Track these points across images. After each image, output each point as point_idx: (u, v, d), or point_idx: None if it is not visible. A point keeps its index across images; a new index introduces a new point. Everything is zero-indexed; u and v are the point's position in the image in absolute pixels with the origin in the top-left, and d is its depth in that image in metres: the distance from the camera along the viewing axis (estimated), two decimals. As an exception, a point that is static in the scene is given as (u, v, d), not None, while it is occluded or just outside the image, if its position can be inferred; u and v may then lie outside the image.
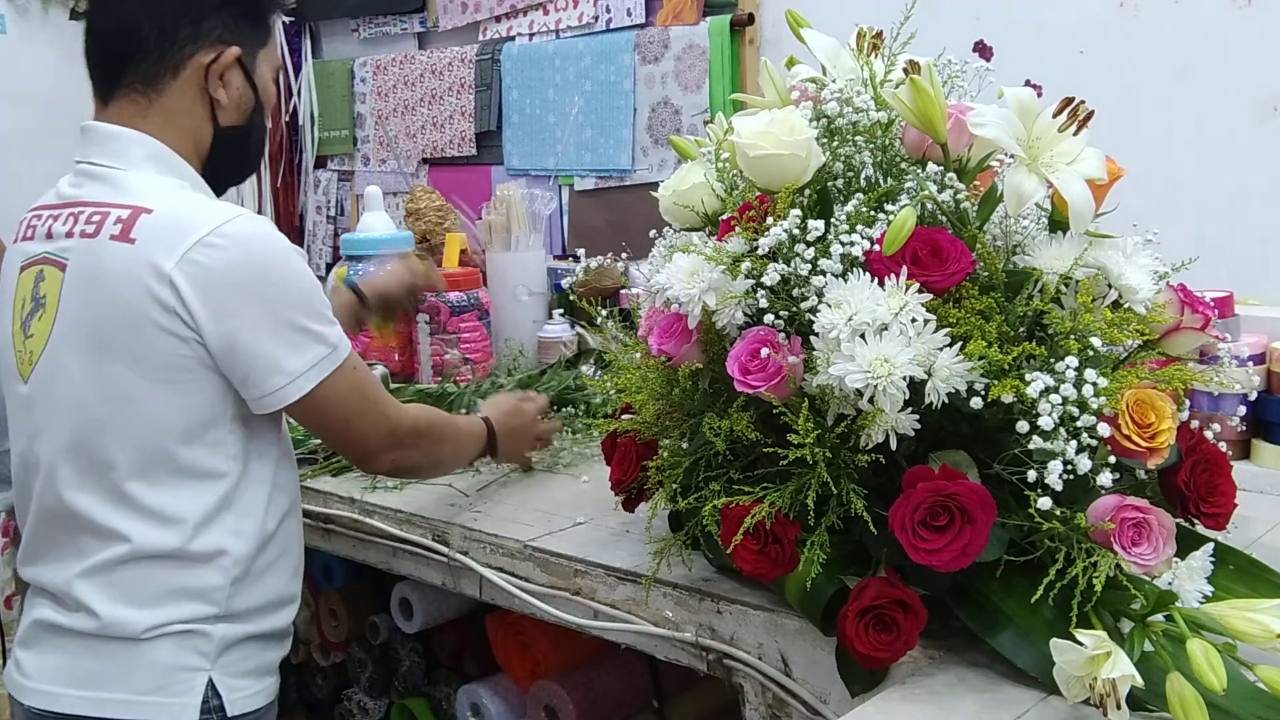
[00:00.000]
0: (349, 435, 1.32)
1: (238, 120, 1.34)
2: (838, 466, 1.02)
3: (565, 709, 1.65)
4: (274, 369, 1.23)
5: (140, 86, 1.28)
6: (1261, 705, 0.90)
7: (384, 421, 1.33)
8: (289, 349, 1.23)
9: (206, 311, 1.20)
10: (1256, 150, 1.89)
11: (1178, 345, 1.10)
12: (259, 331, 1.21)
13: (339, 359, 1.27)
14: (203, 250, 1.20)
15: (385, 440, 1.33)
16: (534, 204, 2.18)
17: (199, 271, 1.19)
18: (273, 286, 1.22)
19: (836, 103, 1.14)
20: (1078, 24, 2.04)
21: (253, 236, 1.23)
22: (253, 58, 1.34)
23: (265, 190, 3.62)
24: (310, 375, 1.24)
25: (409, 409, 1.39)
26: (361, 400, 1.31)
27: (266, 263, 1.22)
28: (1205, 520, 1.06)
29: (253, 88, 1.35)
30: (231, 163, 1.37)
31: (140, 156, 1.27)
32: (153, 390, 1.22)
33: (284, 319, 1.22)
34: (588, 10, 2.74)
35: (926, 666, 1.02)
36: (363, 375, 1.32)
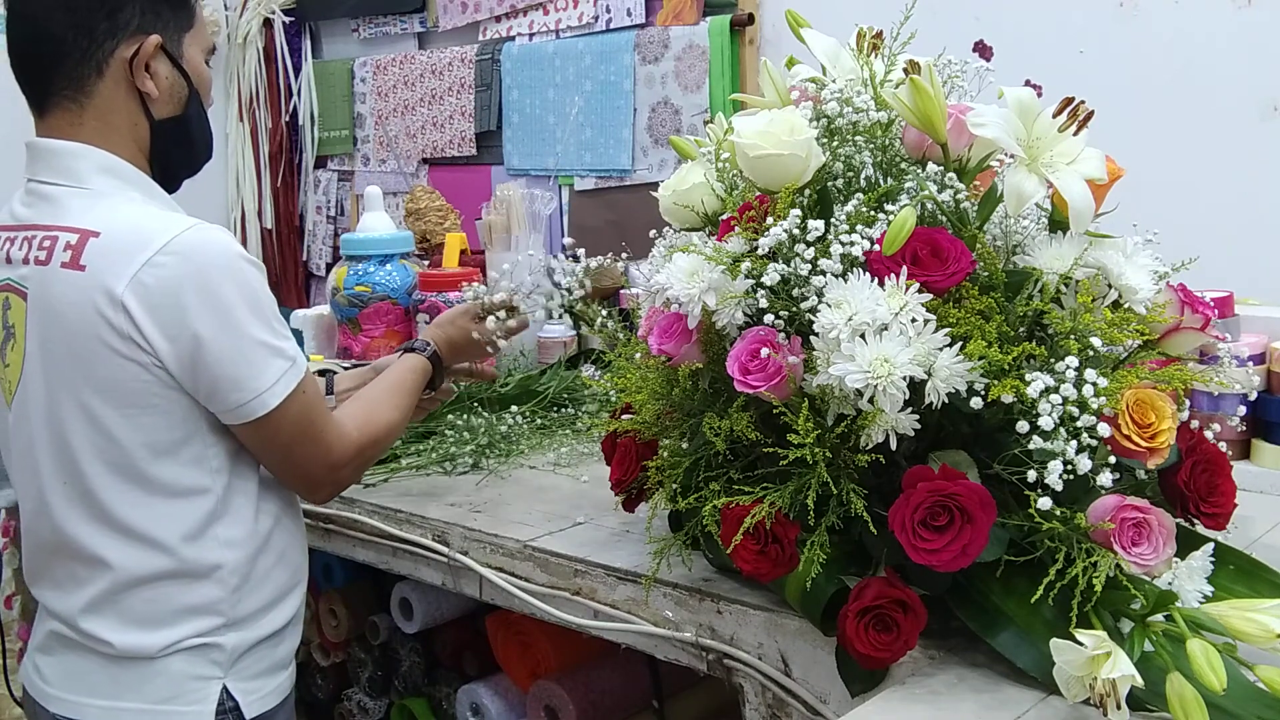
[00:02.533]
0: (291, 462, 1.27)
1: (173, 111, 1.28)
2: (838, 466, 1.02)
3: (565, 709, 1.65)
4: (236, 385, 1.19)
5: (69, 92, 1.23)
6: (1261, 705, 0.90)
7: (327, 453, 1.27)
8: (249, 364, 1.19)
9: (160, 333, 1.16)
10: (1256, 150, 1.90)
11: (1178, 345, 1.10)
12: (216, 347, 1.17)
13: (299, 373, 1.22)
14: (150, 270, 1.16)
15: (326, 473, 1.28)
16: (534, 204, 2.18)
17: (147, 293, 1.16)
18: (221, 300, 1.17)
19: (836, 103, 1.14)
20: (1078, 24, 2.04)
21: (197, 249, 1.17)
22: (178, 43, 1.27)
23: (265, 190, 3.62)
24: (276, 390, 1.20)
25: (347, 425, 1.31)
26: (309, 426, 1.25)
27: (213, 275, 1.17)
28: (1205, 520, 1.06)
29: (183, 74, 1.28)
30: (178, 154, 1.31)
31: (89, 170, 1.23)
32: (122, 417, 1.19)
33: (239, 332, 1.18)
34: (588, 10, 2.74)
35: (926, 666, 1.02)
36: (314, 398, 1.26)
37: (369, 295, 2.05)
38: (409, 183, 3.13)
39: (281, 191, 3.61)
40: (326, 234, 3.56)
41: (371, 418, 1.36)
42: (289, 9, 3.49)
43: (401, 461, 1.74)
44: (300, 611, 1.36)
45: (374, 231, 2.11)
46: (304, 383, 1.23)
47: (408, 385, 1.45)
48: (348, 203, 3.49)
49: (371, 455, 1.35)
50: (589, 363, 2.01)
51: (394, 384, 1.44)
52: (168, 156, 1.29)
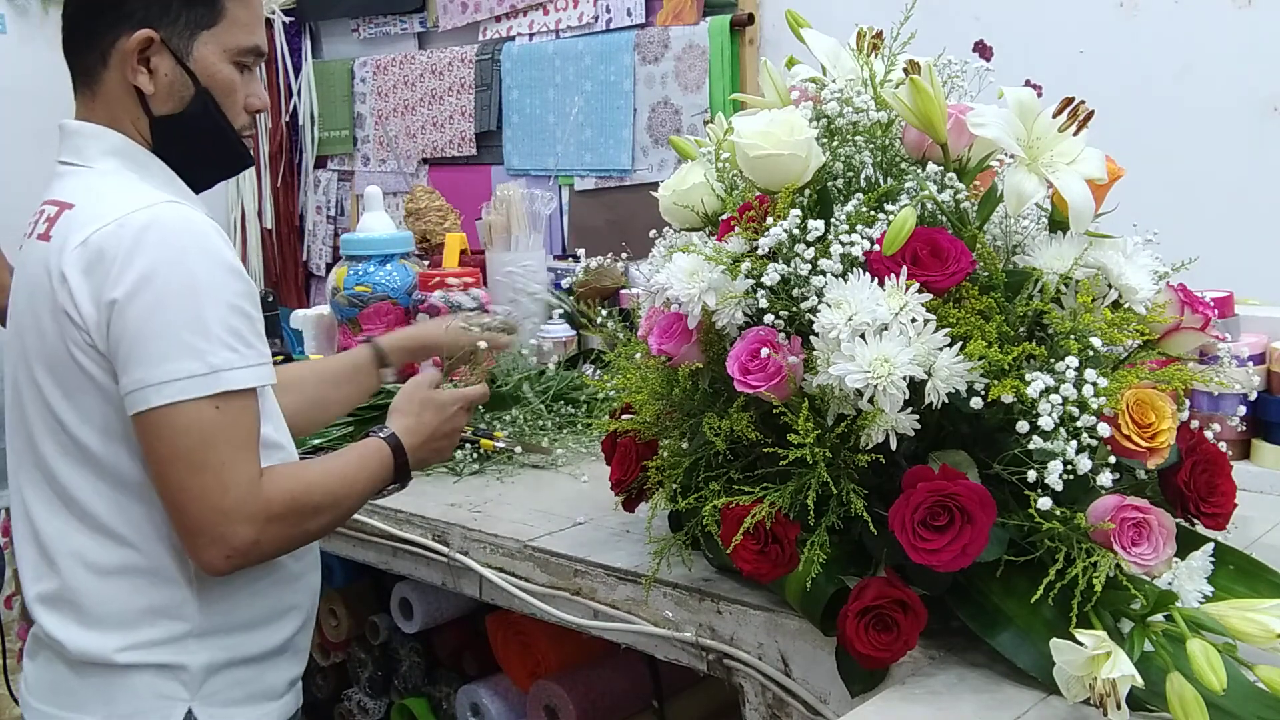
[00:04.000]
0: (170, 489, 1.10)
1: (173, 108, 1.21)
2: (838, 466, 1.02)
3: (565, 709, 1.65)
4: (128, 365, 1.08)
5: (84, 78, 1.21)
6: (1261, 705, 0.90)
7: (219, 493, 1.08)
8: (150, 348, 1.07)
9: (89, 299, 1.09)
10: (1256, 150, 1.90)
11: (1178, 345, 1.10)
12: (125, 318, 1.08)
13: (210, 388, 1.08)
14: (96, 237, 1.10)
15: (212, 519, 1.09)
16: (534, 204, 2.18)
17: (85, 259, 1.10)
18: (155, 276, 1.08)
19: (836, 103, 1.14)
20: (1078, 24, 2.05)
21: (154, 222, 1.10)
22: (187, 39, 1.20)
23: (265, 190, 3.62)
24: (169, 388, 1.07)
25: (270, 475, 1.13)
26: (204, 449, 1.08)
27: (157, 250, 1.09)
28: (1205, 520, 1.06)
29: (189, 73, 1.20)
30: (180, 152, 1.23)
31: (97, 152, 1.20)
32: (64, 397, 1.13)
33: (157, 314, 1.08)
34: (588, 10, 2.74)
35: (926, 666, 1.02)
36: (228, 424, 1.09)
37: (369, 295, 2.05)
38: (409, 183, 3.13)
39: (281, 191, 3.61)
40: (326, 234, 3.56)
41: (299, 480, 1.16)
42: (289, 9, 3.49)
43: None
44: (301, 639, 1.27)
45: (374, 231, 2.11)
46: (219, 400, 1.09)
47: (349, 461, 1.24)
48: (348, 203, 3.49)
49: (292, 527, 1.14)
50: (589, 363, 2.01)
51: (340, 458, 1.25)
52: (171, 155, 1.24)
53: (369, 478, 1.24)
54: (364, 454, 1.26)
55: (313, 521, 1.17)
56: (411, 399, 1.34)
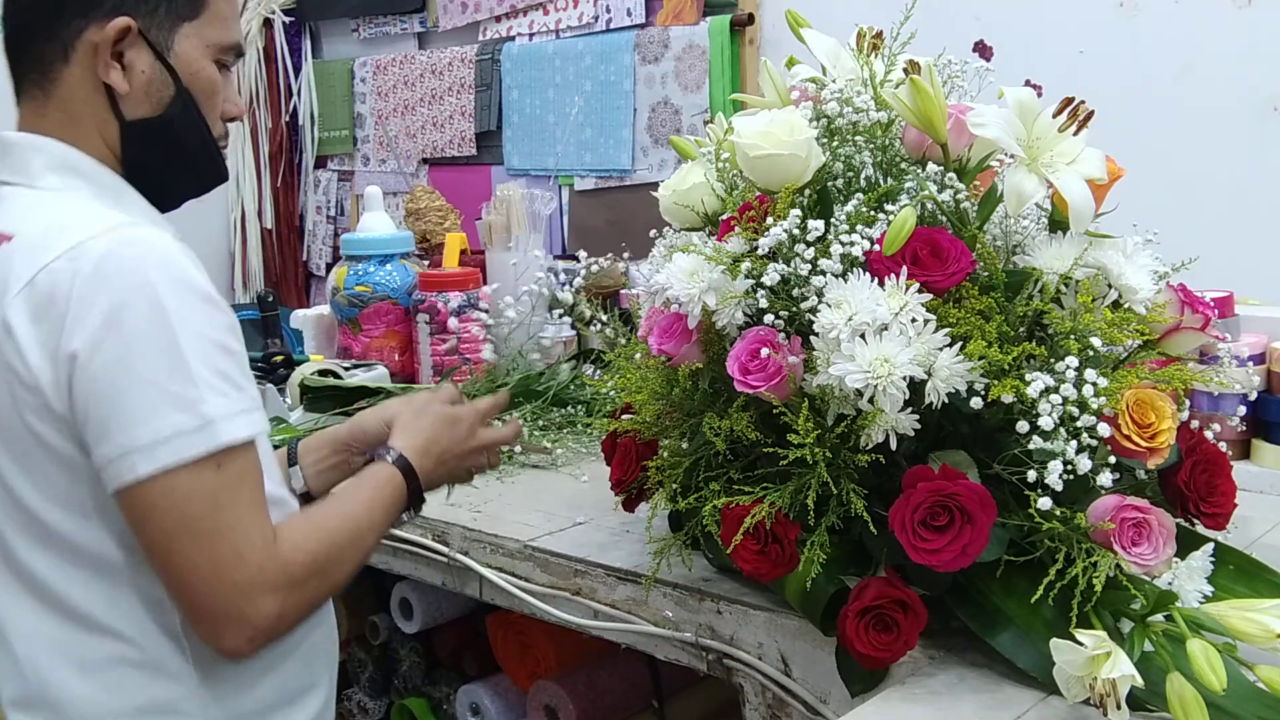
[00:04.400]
0: (172, 570, 0.94)
1: (149, 111, 1.05)
2: (838, 466, 1.02)
3: (565, 709, 1.65)
4: (103, 432, 0.91)
5: (35, 78, 1.04)
6: (1261, 705, 0.90)
7: (233, 565, 0.93)
8: (125, 407, 0.91)
9: (40, 352, 0.92)
10: (1256, 150, 1.90)
11: (1178, 345, 1.10)
12: (89, 374, 0.91)
13: (209, 443, 0.92)
14: (45, 276, 0.93)
15: (229, 597, 0.93)
16: (534, 204, 2.18)
17: (34, 303, 0.93)
18: (116, 317, 0.91)
19: (836, 103, 1.14)
20: (1078, 24, 2.05)
21: (109, 251, 0.93)
22: (168, 32, 1.05)
23: (265, 190, 3.62)
24: (156, 452, 0.91)
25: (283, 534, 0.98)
26: (209, 517, 0.92)
27: (114, 283, 0.92)
28: (1205, 520, 1.06)
29: (169, 70, 1.05)
30: (155, 163, 1.07)
31: (42, 167, 1.02)
32: (15, 464, 0.97)
33: (125, 363, 0.91)
34: (588, 10, 2.75)
35: (926, 666, 1.02)
36: (232, 482, 0.94)
37: (369, 295, 2.05)
38: (409, 183, 3.13)
39: (281, 191, 3.61)
40: (326, 234, 3.56)
41: (316, 532, 1.01)
42: (289, 9, 3.50)
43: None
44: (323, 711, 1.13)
45: (374, 231, 2.11)
46: (220, 457, 0.93)
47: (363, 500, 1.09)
48: (348, 203, 3.50)
49: (317, 587, 1.00)
50: (589, 363, 2.01)
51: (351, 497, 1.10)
52: (141, 164, 1.07)
53: (385, 510, 1.10)
54: (376, 485, 1.11)
55: (338, 574, 1.03)
56: (419, 413, 1.20)
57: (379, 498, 1.10)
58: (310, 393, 1.85)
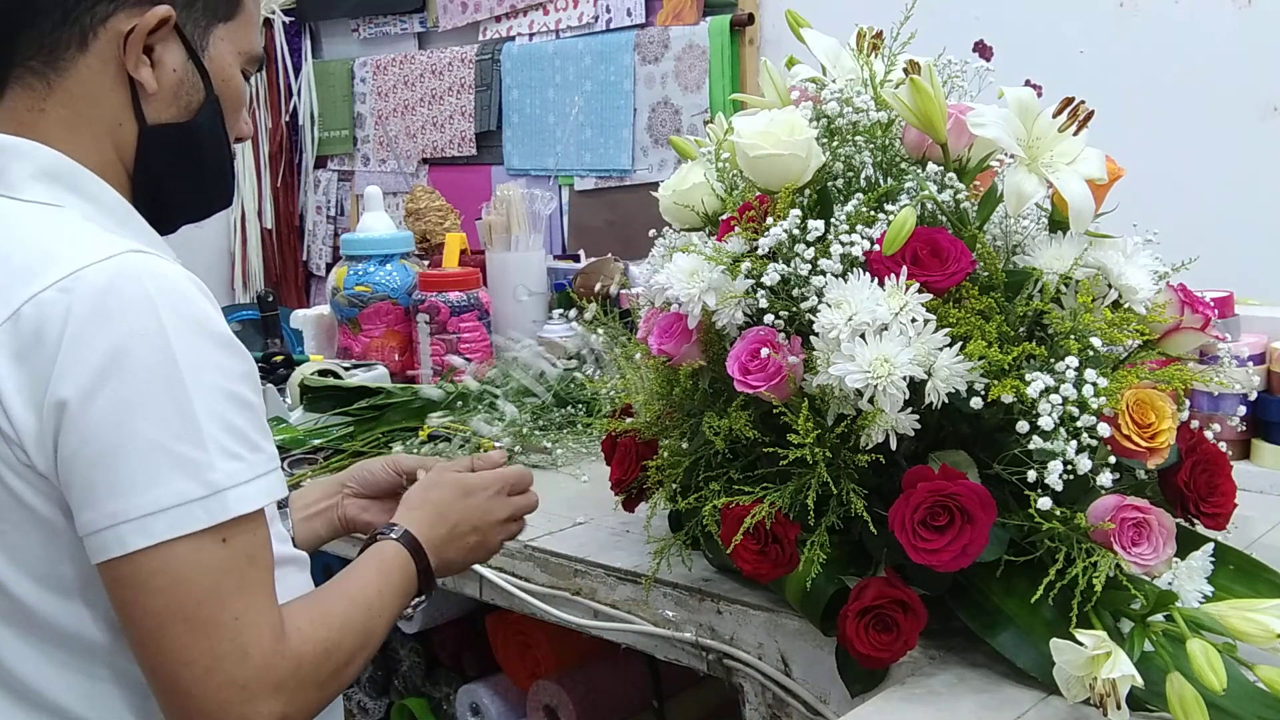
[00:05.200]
0: (162, 658, 0.80)
1: (175, 115, 0.94)
2: (838, 466, 1.02)
3: (565, 709, 1.65)
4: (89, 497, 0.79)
5: (36, 65, 0.90)
6: (1261, 705, 0.90)
7: (237, 659, 0.80)
8: (132, 474, 0.78)
9: (23, 398, 0.79)
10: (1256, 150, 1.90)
11: (1178, 345, 1.10)
12: (80, 427, 0.78)
13: (215, 516, 0.80)
14: (32, 308, 0.79)
15: (229, 697, 0.79)
16: (534, 204, 2.18)
17: (28, 337, 0.79)
18: (114, 361, 0.79)
19: (836, 103, 1.14)
20: (1078, 24, 2.05)
21: (112, 282, 0.80)
22: (204, 32, 0.95)
23: (265, 190, 3.62)
24: (149, 525, 0.78)
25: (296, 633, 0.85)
26: (210, 612, 0.79)
27: (115, 321, 0.79)
28: (1205, 520, 1.06)
29: (201, 71, 0.95)
30: (172, 176, 0.96)
31: (26, 175, 0.88)
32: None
33: (137, 427, 0.79)
34: (588, 10, 2.75)
35: (926, 666, 1.02)
36: (242, 566, 0.81)
37: (369, 295, 2.05)
38: (409, 183, 3.13)
39: (281, 191, 3.61)
40: (326, 234, 3.57)
41: (324, 622, 0.88)
42: (289, 9, 3.50)
43: (401, 461, 1.74)
44: None
45: (374, 231, 2.11)
46: (226, 531, 0.81)
47: (368, 584, 0.97)
48: (348, 203, 3.50)
49: (326, 684, 0.87)
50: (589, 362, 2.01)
51: (357, 580, 0.98)
52: (157, 177, 0.95)
53: (394, 594, 0.98)
54: (383, 567, 0.99)
55: (348, 671, 0.90)
56: (429, 485, 1.08)
57: (387, 580, 0.98)
58: (310, 393, 1.85)
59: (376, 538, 1.03)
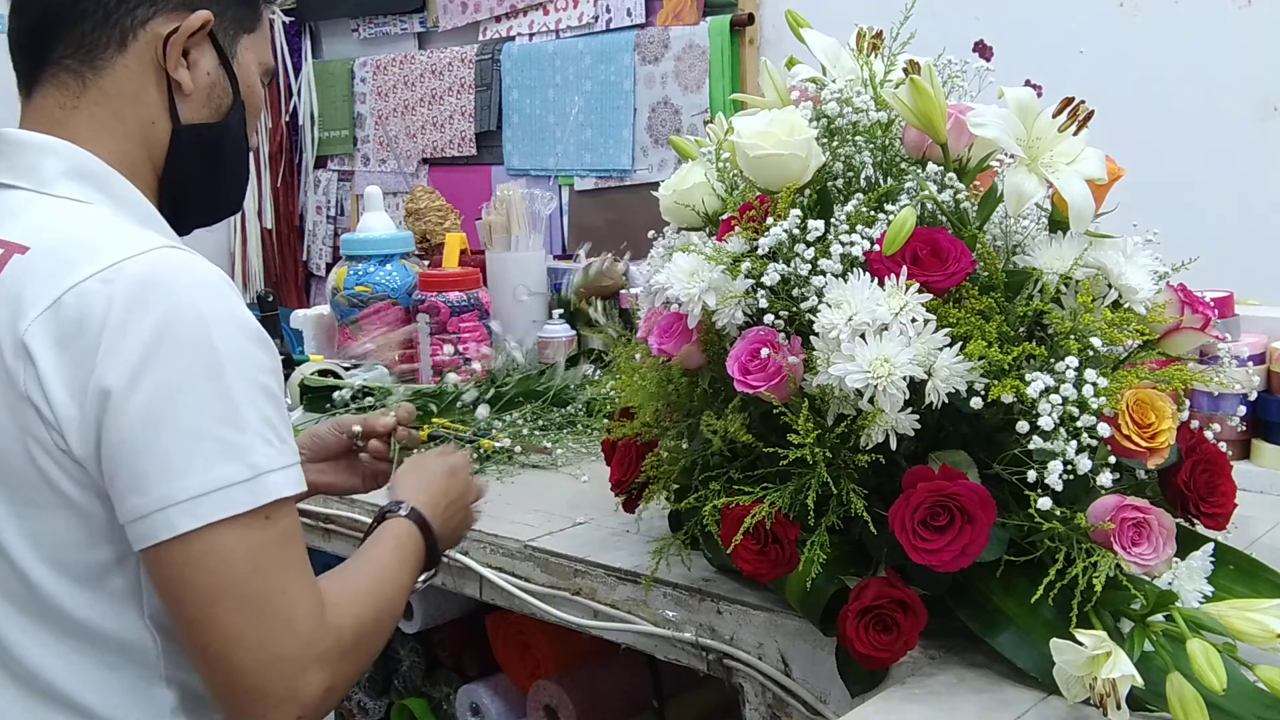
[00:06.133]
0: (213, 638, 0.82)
1: (207, 117, 0.98)
2: (838, 466, 1.02)
3: (565, 709, 1.65)
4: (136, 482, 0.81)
5: (73, 64, 0.93)
6: (1261, 705, 0.90)
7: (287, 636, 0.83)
8: (166, 454, 0.81)
9: (65, 386, 0.81)
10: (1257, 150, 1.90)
11: (1178, 345, 1.10)
12: (126, 416, 0.80)
13: (259, 498, 0.83)
14: (73, 298, 0.82)
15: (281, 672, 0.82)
16: (534, 204, 2.18)
17: (60, 328, 0.82)
18: (160, 351, 0.81)
19: (836, 103, 1.14)
20: (1078, 24, 2.05)
21: (153, 275, 0.83)
22: (233, 39, 1.00)
23: (265, 190, 3.62)
24: (199, 506, 0.81)
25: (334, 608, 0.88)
26: (259, 589, 0.82)
27: (159, 312, 0.82)
28: (1205, 520, 1.06)
29: (230, 77, 1.00)
30: (199, 177, 0.99)
31: (57, 172, 0.91)
32: (14, 517, 0.85)
33: (168, 406, 0.81)
34: (588, 10, 2.75)
35: (926, 666, 1.02)
36: (281, 540, 0.84)
37: (369, 295, 2.05)
38: (409, 183, 3.13)
39: (281, 191, 3.61)
40: (326, 234, 3.57)
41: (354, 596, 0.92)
42: (289, 9, 3.50)
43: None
44: None
45: (374, 231, 2.11)
46: (269, 511, 0.84)
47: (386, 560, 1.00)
48: (348, 203, 3.50)
49: (362, 658, 0.91)
50: (589, 363, 2.01)
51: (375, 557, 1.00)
52: (185, 176, 0.98)
53: (409, 569, 1.02)
54: (397, 543, 1.02)
55: (379, 640, 0.94)
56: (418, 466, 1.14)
57: (402, 555, 1.02)
58: (310, 393, 1.85)
59: (385, 516, 1.06)
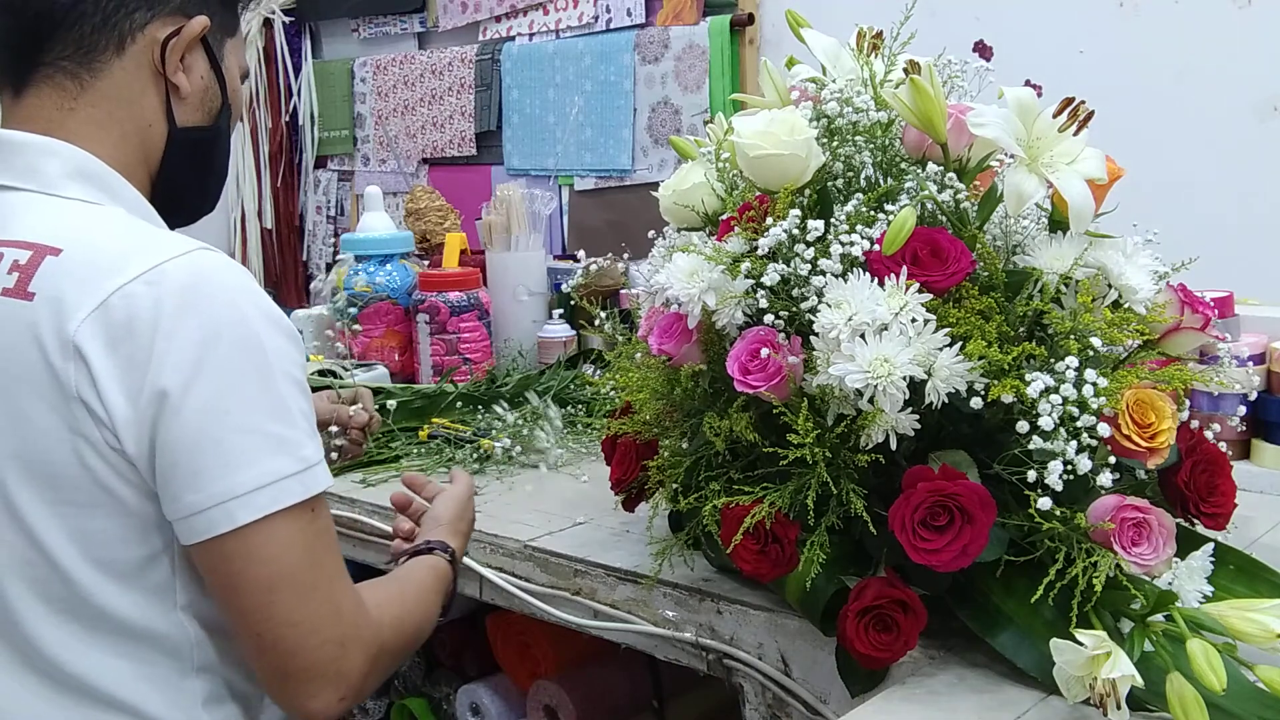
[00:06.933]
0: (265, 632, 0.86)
1: (201, 120, 1.00)
2: (838, 466, 1.02)
3: (565, 709, 1.65)
4: (193, 478, 0.84)
5: (69, 65, 0.94)
6: (1261, 705, 0.90)
7: (335, 619, 0.88)
8: (223, 451, 0.84)
9: (119, 388, 0.83)
10: (1256, 150, 1.90)
11: (1178, 345, 1.10)
12: (183, 416, 0.83)
13: (309, 489, 0.87)
14: (121, 300, 0.84)
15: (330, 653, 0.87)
16: (534, 204, 2.19)
17: (111, 330, 0.84)
18: (214, 352, 0.84)
19: (836, 103, 1.14)
20: (1078, 24, 2.04)
21: (196, 277, 0.86)
22: (220, 43, 1.02)
23: (265, 190, 3.62)
24: (257, 499, 0.84)
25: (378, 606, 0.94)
26: (311, 568, 0.87)
27: (209, 315, 0.85)
28: (1205, 520, 1.06)
29: (219, 80, 1.02)
30: (190, 179, 1.02)
31: (61, 173, 0.92)
32: (54, 516, 0.86)
33: (223, 404, 0.84)
34: (588, 10, 2.74)
35: (926, 666, 1.02)
36: (327, 532, 0.90)
37: (369, 295, 2.05)
38: (409, 183, 3.13)
39: (281, 191, 3.61)
40: (326, 234, 3.56)
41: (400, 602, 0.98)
42: (289, 9, 3.49)
43: (403, 462, 1.74)
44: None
45: (374, 231, 2.11)
46: (315, 504, 0.88)
47: (428, 586, 1.06)
48: (348, 203, 3.49)
49: (392, 662, 0.96)
50: (589, 363, 2.01)
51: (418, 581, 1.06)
52: (178, 180, 1.01)
53: (439, 601, 1.08)
54: (438, 575, 1.08)
55: (412, 646, 0.99)
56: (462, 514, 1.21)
57: (440, 585, 1.08)
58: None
59: (430, 550, 1.12)
